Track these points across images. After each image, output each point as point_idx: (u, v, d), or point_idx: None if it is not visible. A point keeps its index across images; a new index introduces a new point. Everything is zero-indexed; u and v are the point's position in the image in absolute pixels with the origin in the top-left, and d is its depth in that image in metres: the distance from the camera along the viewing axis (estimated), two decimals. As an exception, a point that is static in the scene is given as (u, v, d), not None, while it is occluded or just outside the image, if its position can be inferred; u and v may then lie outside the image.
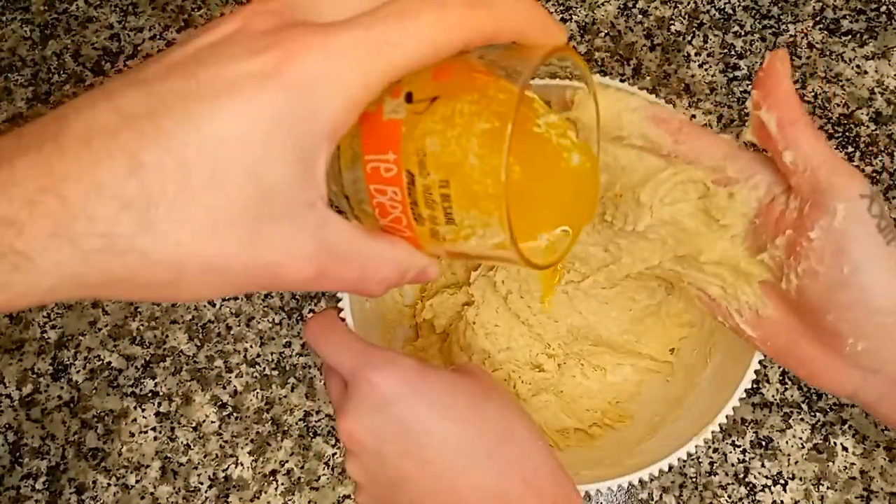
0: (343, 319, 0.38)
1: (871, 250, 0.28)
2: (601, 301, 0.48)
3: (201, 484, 0.51)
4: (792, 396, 0.52)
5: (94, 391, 0.53)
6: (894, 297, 0.29)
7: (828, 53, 0.59)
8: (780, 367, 0.52)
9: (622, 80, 0.56)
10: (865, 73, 0.59)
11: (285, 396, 0.53)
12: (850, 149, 0.57)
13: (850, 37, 0.60)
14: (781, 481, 0.50)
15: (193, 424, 0.52)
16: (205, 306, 0.54)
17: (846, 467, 0.50)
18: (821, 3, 0.61)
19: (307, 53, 0.20)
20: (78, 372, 0.54)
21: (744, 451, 0.51)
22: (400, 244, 0.25)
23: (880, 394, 0.30)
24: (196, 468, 0.52)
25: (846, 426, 0.51)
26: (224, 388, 0.53)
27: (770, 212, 0.32)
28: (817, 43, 0.60)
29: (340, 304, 0.40)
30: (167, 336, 0.54)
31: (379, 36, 0.20)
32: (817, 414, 0.51)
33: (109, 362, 0.54)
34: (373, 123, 0.23)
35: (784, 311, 0.32)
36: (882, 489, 0.50)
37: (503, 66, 0.23)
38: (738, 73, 0.59)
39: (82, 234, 0.19)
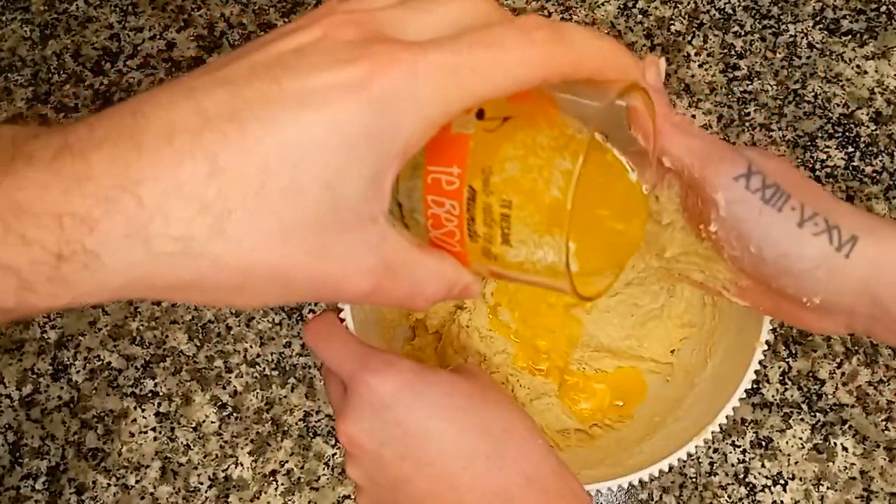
0: (343, 320, 0.38)
1: (765, 224, 0.29)
2: (602, 310, 0.48)
3: (201, 484, 0.51)
4: (792, 396, 0.52)
5: (94, 391, 0.53)
6: (809, 254, 0.29)
7: (828, 53, 0.59)
8: (780, 368, 0.52)
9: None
10: (865, 73, 0.59)
11: (285, 396, 0.53)
12: (851, 149, 0.57)
13: (850, 37, 0.60)
14: (781, 481, 0.50)
15: (193, 424, 0.52)
16: (205, 306, 0.55)
17: (846, 467, 0.50)
18: (821, 3, 0.61)
19: (394, 70, 0.19)
20: (78, 372, 0.54)
21: (744, 452, 0.51)
22: (448, 259, 0.25)
23: (866, 327, 0.31)
24: (196, 468, 0.52)
25: (846, 426, 0.51)
26: (224, 388, 0.53)
27: (685, 205, 0.34)
28: (817, 43, 0.60)
29: (340, 304, 0.40)
30: (167, 336, 0.54)
31: (465, 62, 0.20)
32: (817, 414, 0.51)
33: (109, 362, 0.54)
34: (440, 135, 0.22)
35: (755, 279, 0.33)
36: (882, 489, 0.50)
37: (576, 96, 0.24)
38: (738, 73, 0.59)
39: (156, 236, 0.19)
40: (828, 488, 0.50)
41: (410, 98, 0.20)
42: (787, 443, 0.51)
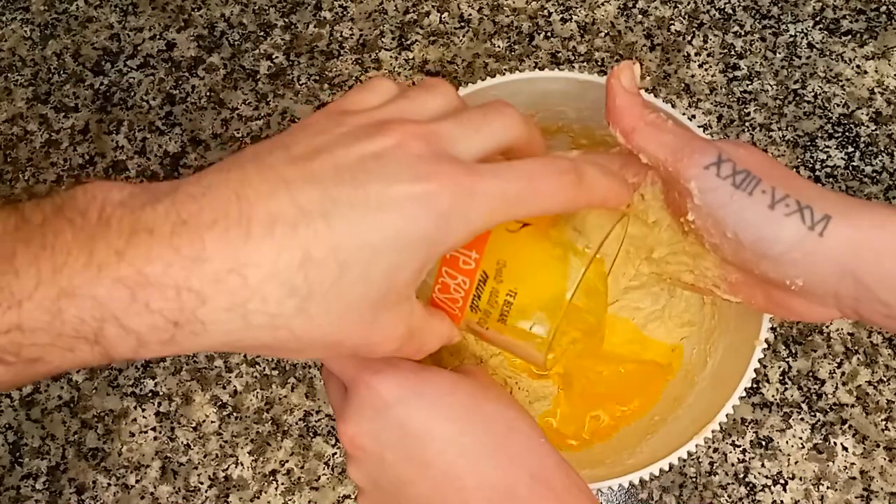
0: None
1: (738, 209, 0.31)
2: None
3: (201, 484, 0.51)
4: (792, 396, 0.52)
5: (94, 391, 0.53)
6: (784, 235, 0.30)
7: (828, 53, 0.59)
8: (779, 367, 0.52)
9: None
10: (865, 73, 0.59)
11: (285, 396, 0.53)
12: (850, 149, 0.57)
13: (850, 37, 0.60)
14: (781, 481, 0.50)
15: (193, 424, 0.52)
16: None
17: (846, 467, 0.50)
18: (821, 3, 0.61)
19: (457, 192, 0.24)
20: (78, 372, 0.54)
21: (744, 451, 0.51)
22: (447, 321, 0.30)
23: (854, 310, 0.31)
24: (196, 468, 0.52)
25: (846, 426, 0.51)
26: (224, 388, 0.53)
27: (668, 200, 0.35)
28: (817, 43, 0.60)
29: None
30: (167, 336, 0.54)
31: (512, 193, 0.25)
32: (817, 414, 0.51)
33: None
34: None
35: (744, 273, 0.34)
36: (882, 489, 0.50)
37: (579, 223, 0.30)
38: (738, 73, 0.59)
39: (253, 312, 0.23)
40: (828, 488, 0.50)
41: (464, 215, 0.24)
42: (787, 443, 0.51)
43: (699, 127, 0.41)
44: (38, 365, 0.23)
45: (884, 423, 0.51)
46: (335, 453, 0.52)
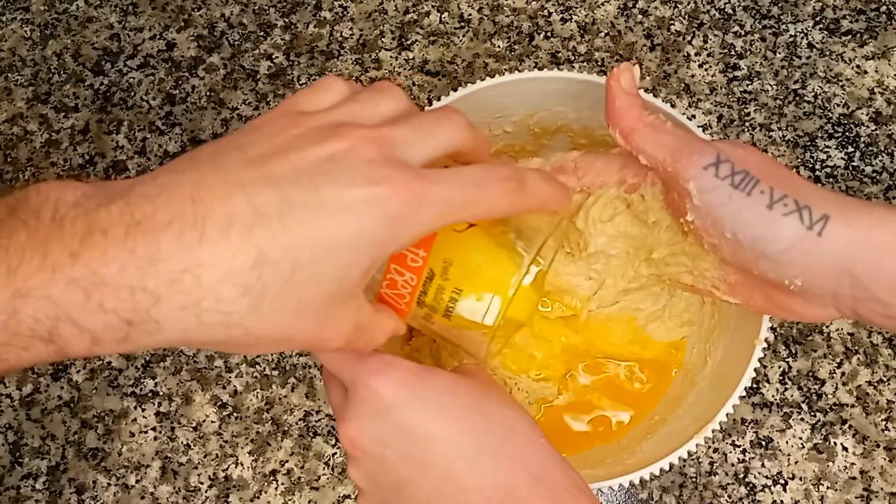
0: None
1: (736, 209, 0.31)
2: (603, 320, 0.48)
3: (201, 484, 0.51)
4: (792, 396, 0.52)
5: (94, 391, 0.53)
6: (783, 235, 0.30)
7: (828, 53, 0.59)
8: (779, 367, 0.52)
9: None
10: (865, 73, 0.59)
11: (285, 396, 0.53)
12: (851, 149, 0.57)
13: (850, 37, 0.60)
14: (781, 481, 0.50)
15: (193, 424, 0.52)
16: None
17: (846, 467, 0.50)
18: (821, 3, 0.61)
19: (407, 197, 0.24)
20: (78, 372, 0.54)
21: (744, 451, 0.51)
22: (393, 315, 0.30)
23: (853, 309, 0.31)
24: (196, 468, 0.52)
25: (846, 426, 0.51)
26: (224, 388, 0.53)
27: (667, 200, 0.36)
28: (817, 43, 0.60)
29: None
30: (167, 336, 0.54)
31: (458, 198, 0.26)
32: (817, 414, 0.51)
33: (109, 362, 0.54)
34: None
35: (743, 273, 0.34)
36: (882, 489, 0.50)
37: (519, 224, 0.32)
38: (738, 73, 0.59)
39: (207, 310, 0.23)
40: (828, 488, 0.50)
41: (414, 219, 0.25)
42: (787, 443, 0.51)
43: (699, 127, 0.41)
44: None
45: (884, 423, 0.51)
46: (335, 453, 0.52)
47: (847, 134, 0.57)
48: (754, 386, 0.52)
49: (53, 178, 0.24)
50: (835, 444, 0.51)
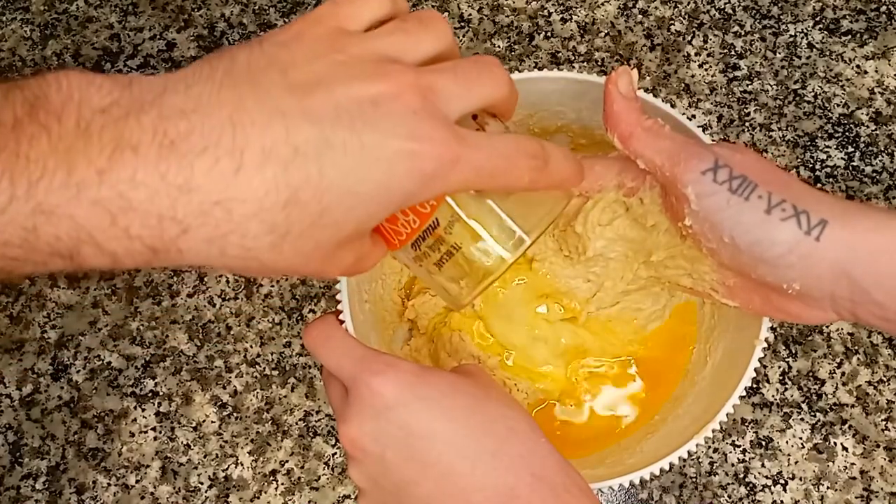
0: (342, 322, 0.38)
1: (735, 214, 0.31)
2: (603, 321, 0.48)
3: (201, 484, 0.51)
4: (792, 396, 0.52)
5: (94, 391, 0.53)
6: (781, 239, 0.31)
7: (828, 53, 0.59)
8: (779, 368, 0.52)
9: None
10: (865, 73, 0.59)
11: (285, 396, 0.53)
12: (851, 149, 0.57)
13: (850, 37, 0.60)
14: (781, 481, 0.50)
15: (193, 424, 0.52)
16: (205, 306, 0.55)
17: (846, 467, 0.50)
18: (821, 3, 0.61)
19: (444, 158, 0.24)
20: (78, 372, 0.54)
21: (744, 451, 0.51)
22: (383, 247, 0.30)
23: (852, 312, 0.31)
24: (196, 468, 0.52)
25: (846, 426, 0.51)
26: (224, 388, 0.53)
27: (666, 204, 0.36)
28: (817, 43, 0.60)
29: (340, 307, 0.40)
30: (167, 336, 0.54)
31: (487, 168, 0.26)
32: (817, 414, 0.51)
33: (109, 362, 0.54)
34: None
35: (741, 276, 0.34)
36: (882, 489, 0.50)
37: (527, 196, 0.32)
38: (738, 73, 0.59)
39: (231, 244, 0.23)
40: (828, 488, 0.50)
41: (444, 180, 0.25)
42: (787, 443, 0.51)
43: (699, 127, 0.41)
44: (7, 272, 0.22)
45: (884, 423, 0.51)
46: (335, 453, 0.52)
47: (847, 134, 0.57)
48: (754, 386, 0.52)
49: (70, 70, 0.22)
50: (835, 444, 0.51)
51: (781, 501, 0.50)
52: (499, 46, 0.60)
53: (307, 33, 0.25)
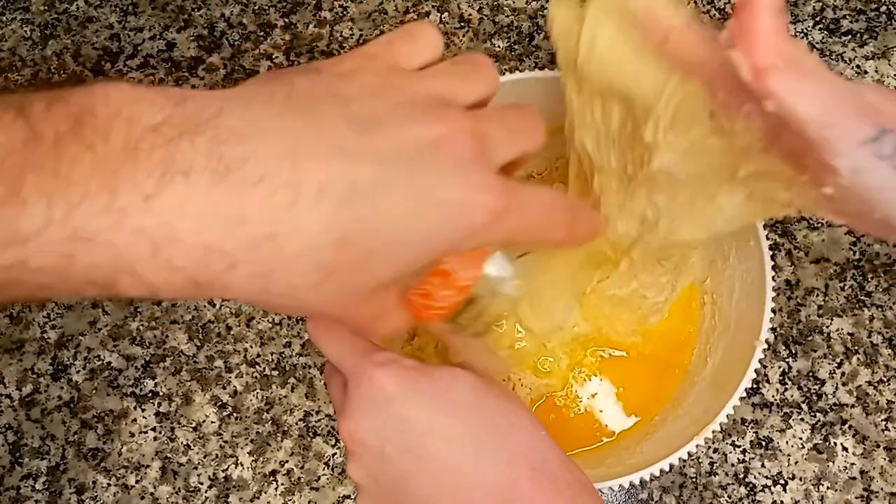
0: None
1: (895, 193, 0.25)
2: (615, 303, 0.48)
3: (201, 484, 0.51)
4: (792, 396, 0.52)
5: (94, 391, 0.53)
6: None
7: (828, 53, 0.59)
8: (780, 368, 0.52)
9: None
10: (865, 73, 0.59)
11: (285, 396, 0.53)
12: (850, 149, 0.57)
13: (850, 37, 0.60)
14: (781, 481, 0.50)
15: (193, 424, 0.52)
16: (205, 306, 0.55)
17: (846, 467, 0.50)
18: (821, 3, 0.61)
19: (495, 211, 0.24)
20: (78, 372, 0.54)
21: (744, 451, 0.51)
22: (407, 317, 0.29)
23: None
24: (196, 468, 0.52)
25: (846, 426, 0.51)
26: (224, 388, 0.53)
27: (775, 141, 0.29)
28: (817, 43, 0.60)
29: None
30: (167, 336, 0.54)
31: (530, 224, 0.26)
32: (817, 414, 0.51)
33: (109, 362, 0.54)
34: None
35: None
36: (882, 489, 0.50)
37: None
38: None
39: (276, 282, 0.22)
40: (828, 488, 0.50)
41: (487, 232, 0.24)
42: (787, 443, 0.51)
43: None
44: (37, 299, 0.21)
45: (884, 423, 0.51)
46: (335, 453, 0.52)
47: (847, 134, 0.57)
48: (754, 386, 0.52)
49: (119, 82, 0.21)
50: (835, 444, 0.51)
51: (781, 502, 0.50)
52: (499, 46, 0.60)
53: (365, 68, 0.25)
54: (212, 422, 0.52)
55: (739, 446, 0.51)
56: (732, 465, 0.51)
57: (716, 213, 0.35)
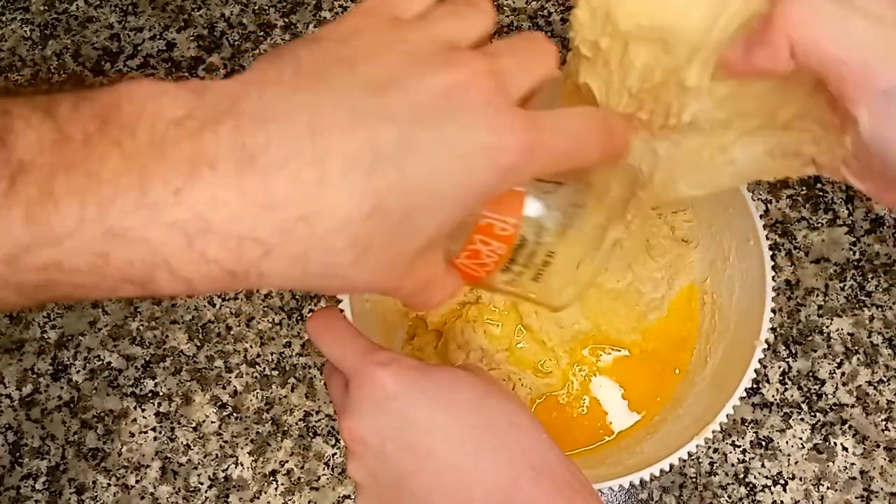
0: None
1: None
2: (611, 298, 0.48)
3: (201, 484, 0.51)
4: (792, 396, 0.52)
5: (94, 391, 0.53)
6: None
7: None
8: (780, 368, 0.52)
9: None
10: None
11: (285, 396, 0.53)
12: (850, 149, 0.57)
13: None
14: (781, 481, 0.50)
15: (193, 424, 0.52)
16: (205, 306, 0.55)
17: (846, 467, 0.50)
18: (821, 4, 0.61)
19: (522, 149, 0.23)
20: (78, 372, 0.54)
21: (744, 451, 0.51)
22: (459, 281, 0.29)
23: None
24: (196, 468, 0.52)
25: (846, 426, 0.51)
26: (224, 388, 0.53)
27: (815, 99, 0.28)
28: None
29: (341, 306, 0.40)
30: (167, 336, 0.54)
31: (562, 151, 0.25)
32: (817, 414, 0.51)
33: (109, 362, 0.54)
34: None
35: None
36: (882, 489, 0.50)
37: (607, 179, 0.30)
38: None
39: (312, 261, 0.21)
40: (828, 488, 0.50)
41: (522, 170, 0.23)
42: (787, 443, 0.51)
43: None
44: (74, 299, 0.21)
45: (884, 423, 0.51)
46: (335, 453, 0.52)
47: (847, 134, 0.57)
48: (754, 386, 0.52)
49: (143, 80, 0.21)
50: (835, 444, 0.51)
51: (781, 501, 0.50)
52: (499, 46, 0.60)
53: (365, 26, 0.24)
54: (212, 422, 0.52)
55: (739, 446, 0.51)
56: (732, 465, 0.51)
57: (724, 167, 0.33)
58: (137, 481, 0.51)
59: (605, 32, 0.32)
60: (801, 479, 0.50)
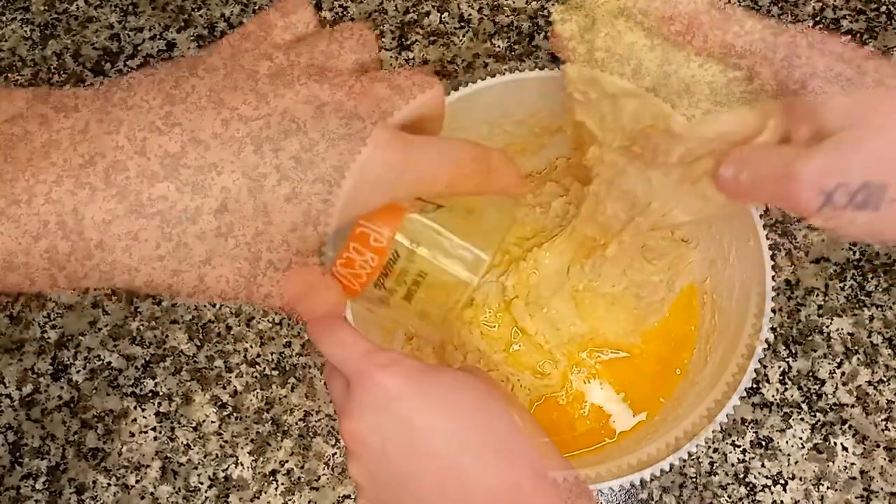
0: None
1: (865, 224, 0.28)
2: (609, 302, 0.48)
3: (201, 484, 0.51)
4: (792, 396, 0.52)
5: (94, 391, 0.53)
6: None
7: (828, 53, 0.59)
8: (780, 368, 0.52)
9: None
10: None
11: (285, 396, 0.53)
12: (850, 149, 0.57)
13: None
14: (781, 481, 0.50)
15: (193, 424, 0.52)
16: (205, 306, 0.55)
17: (846, 467, 0.50)
18: (821, 3, 0.61)
19: (393, 159, 0.24)
20: (78, 372, 0.54)
21: (744, 451, 0.51)
22: (341, 293, 0.30)
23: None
24: (196, 468, 0.52)
25: (846, 426, 0.51)
26: (224, 388, 0.53)
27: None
28: (817, 43, 0.60)
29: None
30: (167, 336, 0.54)
31: (436, 172, 0.26)
32: (817, 414, 0.51)
33: (109, 362, 0.54)
34: None
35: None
36: (882, 489, 0.50)
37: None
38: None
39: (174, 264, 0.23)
40: (828, 488, 0.50)
41: (391, 185, 0.25)
42: (787, 443, 0.51)
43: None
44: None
45: (884, 423, 0.51)
46: (335, 453, 0.52)
47: (847, 134, 0.57)
48: (754, 386, 0.52)
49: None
50: (835, 444, 0.51)
51: (781, 501, 0.50)
52: (499, 46, 0.60)
53: (238, 53, 0.27)
54: (212, 422, 0.52)
55: (739, 446, 0.51)
56: (732, 464, 0.51)
57: (705, 198, 0.35)
58: (137, 481, 0.51)
59: (594, 90, 0.35)
60: (801, 479, 0.50)
